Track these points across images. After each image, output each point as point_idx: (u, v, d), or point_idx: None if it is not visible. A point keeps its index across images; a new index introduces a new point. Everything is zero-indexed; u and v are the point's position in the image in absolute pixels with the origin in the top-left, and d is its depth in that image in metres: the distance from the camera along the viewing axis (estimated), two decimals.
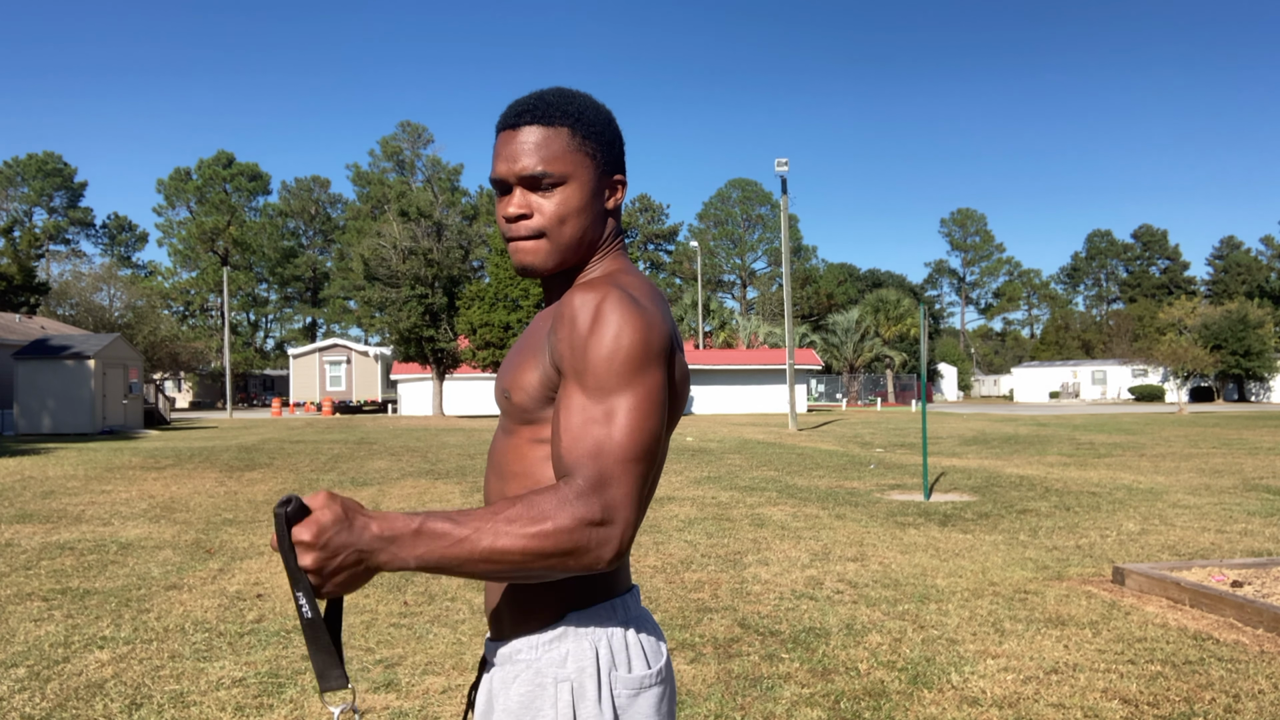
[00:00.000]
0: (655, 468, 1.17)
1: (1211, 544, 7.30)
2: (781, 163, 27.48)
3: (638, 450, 1.12)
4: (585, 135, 1.29)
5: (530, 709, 1.20)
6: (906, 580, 6.02)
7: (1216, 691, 3.85)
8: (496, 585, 1.29)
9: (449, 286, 37.51)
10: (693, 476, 12.85)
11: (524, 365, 1.25)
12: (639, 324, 1.15)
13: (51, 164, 73.84)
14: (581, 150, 1.28)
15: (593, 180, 1.29)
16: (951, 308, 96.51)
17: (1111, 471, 13.10)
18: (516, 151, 1.27)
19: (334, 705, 1.49)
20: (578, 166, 1.28)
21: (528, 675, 1.22)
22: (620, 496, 1.09)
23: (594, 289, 1.17)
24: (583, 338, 1.14)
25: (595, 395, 1.13)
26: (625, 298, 1.16)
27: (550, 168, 1.26)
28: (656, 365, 1.16)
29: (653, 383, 1.15)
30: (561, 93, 1.31)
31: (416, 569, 1.06)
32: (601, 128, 1.31)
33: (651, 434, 1.14)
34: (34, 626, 5.02)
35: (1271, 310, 56.36)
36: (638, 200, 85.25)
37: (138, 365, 29.39)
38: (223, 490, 11.45)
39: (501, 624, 1.28)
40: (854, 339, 58.95)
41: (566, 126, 1.28)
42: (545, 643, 1.22)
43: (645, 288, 1.26)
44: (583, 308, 1.16)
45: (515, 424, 1.28)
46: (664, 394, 1.17)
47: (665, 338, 1.19)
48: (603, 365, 1.13)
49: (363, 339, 63.52)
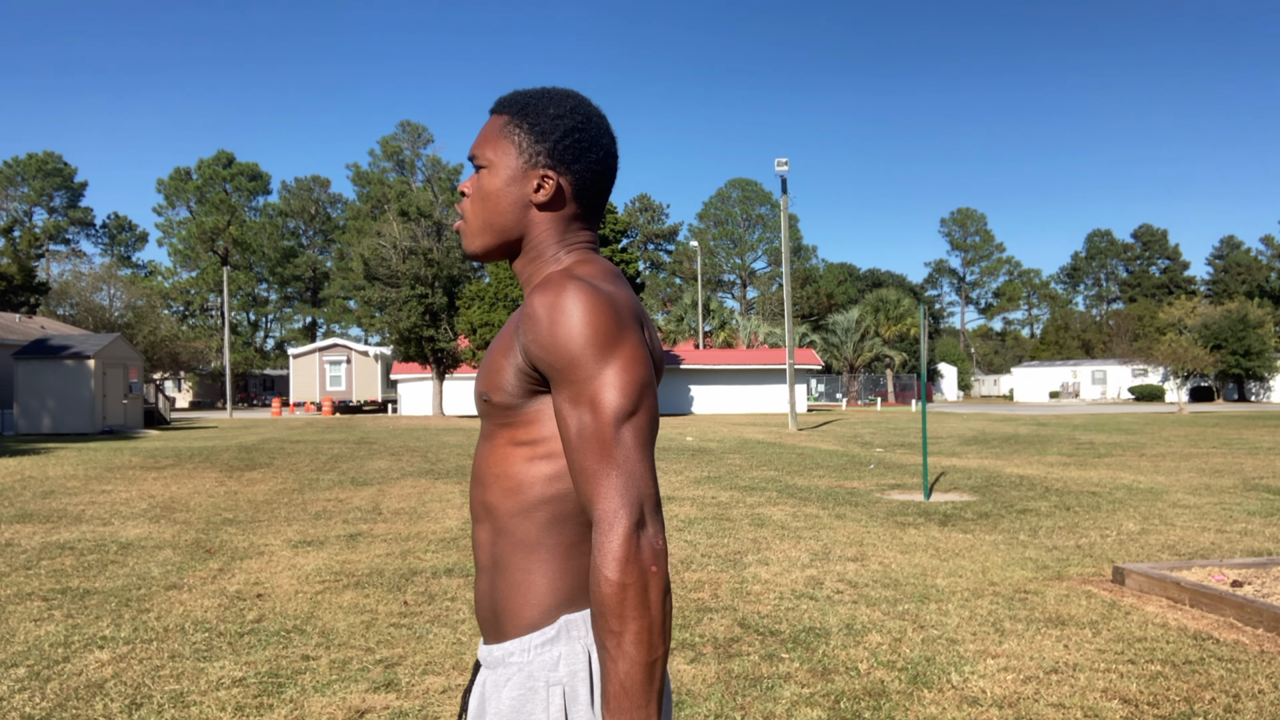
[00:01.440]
0: (654, 415, 1.19)
1: (1211, 544, 7.30)
2: (781, 163, 27.48)
3: (630, 405, 1.15)
4: (518, 124, 1.31)
5: (522, 712, 1.20)
6: (906, 580, 6.02)
7: (1216, 691, 3.85)
8: (487, 588, 1.29)
9: (449, 286, 37.52)
10: (693, 476, 12.85)
11: (499, 367, 1.26)
12: (599, 305, 1.16)
13: (51, 164, 73.83)
14: (506, 137, 1.31)
15: (512, 166, 1.31)
16: (951, 308, 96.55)
17: (1111, 471, 13.10)
18: (478, 135, 1.35)
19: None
20: (500, 153, 1.31)
21: (519, 678, 1.22)
22: (631, 480, 1.13)
23: (549, 285, 1.18)
24: (550, 334, 1.16)
25: (580, 388, 1.15)
26: (582, 285, 1.17)
27: (478, 150, 1.32)
28: (629, 330, 1.18)
29: (630, 343, 1.17)
30: (539, 89, 1.34)
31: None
32: (544, 122, 1.31)
33: (641, 380, 1.16)
34: (34, 626, 5.02)
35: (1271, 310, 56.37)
36: (638, 200, 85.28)
37: (138, 365, 29.39)
38: (223, 490, 11.45)
39: (493, 627, 1.28)
40: (854, 339, 58.93)
41: (507, 114, 1.32)
42: (537, 646, 1.22)
43: (602, 271, 1.27)
44: (542, 306, 1.17)
45: (495, 427, 1.28)
46: (644, 349, 1.19)
47: (629, 309, 1.21)
48: (578, 353, 1.14)
49: (363, 339, 63.53)
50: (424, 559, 6.84)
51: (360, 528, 8.34)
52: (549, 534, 1.23)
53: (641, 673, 1.09)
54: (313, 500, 10.36)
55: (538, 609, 1.23)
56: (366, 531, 8.12)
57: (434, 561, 6.74)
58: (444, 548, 7.29)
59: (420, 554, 7.03)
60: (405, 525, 8.47)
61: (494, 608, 1.28)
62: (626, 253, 37.55)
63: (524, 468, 1.24)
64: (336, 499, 10.44)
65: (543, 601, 1.23)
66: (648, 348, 1.23)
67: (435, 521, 8.65)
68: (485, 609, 1.30)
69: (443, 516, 9.01)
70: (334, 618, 5.14)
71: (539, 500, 1.24)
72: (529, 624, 1.23)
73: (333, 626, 4.95)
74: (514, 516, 1.25)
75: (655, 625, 1.10)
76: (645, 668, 1.09)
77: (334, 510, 9.49)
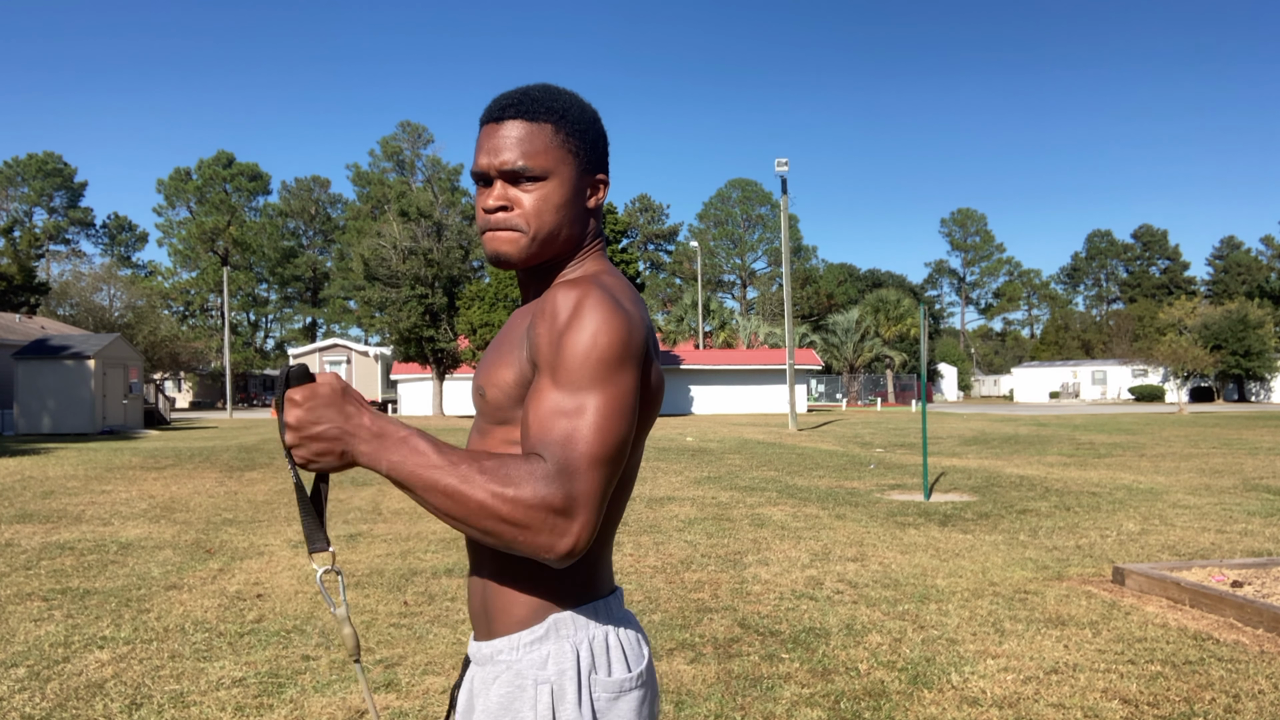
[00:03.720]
0: (622, 473, 1.16)
1: (1211, 544, 7.30)
2: (781, 163, 27.49)
3: (605, 452, 1.11)
4: (569, 133, 1.28)
5: (509, 710, 1.20)
6: (906, 580, 6.02)
7: (1216, 691, 3.85)
8: (479, 585, 1.29)
9: (449, 286, 37.52)
10: (693, 476, 12.84)
11: (501, 363, 1.25)
12: (618, 324, 1.15)
13: (51, 164, 73.83)
14: (564, 147, 1.28)
15: (574, 178, 1.29)
16: (951, 308, 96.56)
17: (1111, 471, 13.10)
18: (499, 145, 1.27)
19: (318, 565, 1.49)
20: (559, 163, 1.27)
21: (508, 676, 1.22)
22: (584, 493, 1.08)
23: (577, 287, 1.17)
24: (561, 333, 1.15)
25: (567, 389, 1.13)
26: (607, 298, 1.16)
27: (531, 163, 1.26)
28: (631, 367, 1.16)
29: (626, 385, 1.15)
30: (547, 89, 1.31)
31: (386, 474, 1.09)
32: (585, 126, 1.30)
33: (620, 437, 1.13)
34: (34, 626, 5.02)
35: (1271, 310, 56.34)
36: (638, 200, 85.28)
37: (138, 365, 29.38)
38: (223, 490, 11.45)
39: (483, 623, 1.28)
40: (854, 339, 58.93)
41: (550, 123, 1.27)
42: (526, 644, 1.22)
43: (626, 290, 1.26)
44: (564, 304, 1.16)
45: (489, 424, 1.28)
46: (635, 399, 1.17)
47: (642, 342, 1.19)
48: (578, 361, 1.13)
49: (363, 339, 63.53)
50: (424, 559, 6.84)
51: (360, 528, 8.34)
52: None
53: (462, 499, 1.06)
54: None
55: (527, 607, 1.23)
56: (366, 531, 8.12)
57: (434, 561, 6.74)
58: (444, 548, 7.29)
59: (420, 554, 7.03)
60: (405, 525, 8.47)
61: (485, 604, 1.28)
62: (626, 253, 37.57)
63: None
64: (336, 499, 10.44)
65: (532, 600, 1.24)
66: (640, 396, 1.19)
67: (435, 522, 8.65)
68: (477, 605, 1.30)
69: None
70: (334, 618, 5.13)
71: None
72: (518, 622, 1.24)
73: (333, 626, 4.95)
74: None
75: (480, 525, 1.06)
76: (467, 507, 1.06)
77: (334, 510, 9.49)
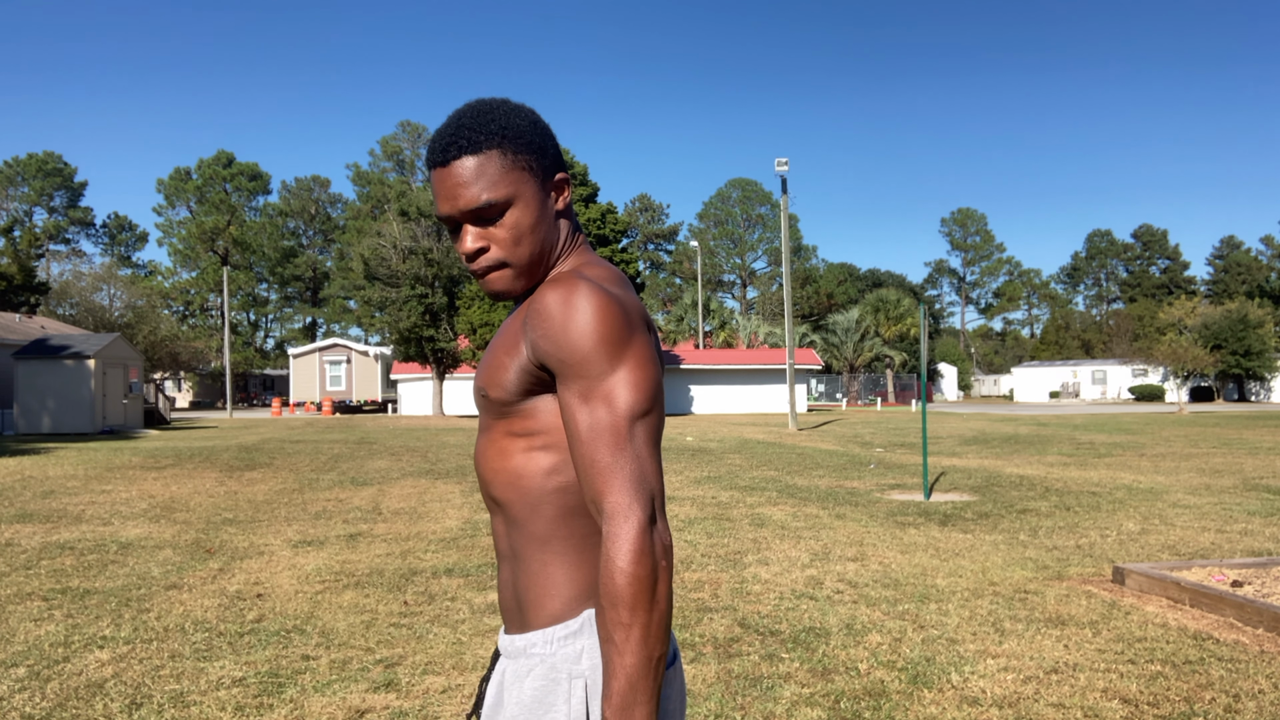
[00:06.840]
0: (663, 416, 1.20)
1: (1211, 544, 7.30)
2: (781, 163, 27.48)
3: (644, 403, 1.16)
4: (516, 150, 1.26)
5: (543, 703, 1.21)
6: (906, 580, 6.02)
7: (1216, 691, 3.85)
8: (509, 577, 1.30)
9: (449, 286, 37.51)
10: (693, 476, 12.85)
11: (500, 364, 1.26)
12: (611, 306, 1.17)
13: (51, 164, 73.82)
14: (516, 166, 1.26)
15: (537, 192, 1.28)
16: (951, 308, 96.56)
17: (1111, 471, 13.10)
18: (454, 188, 1.25)
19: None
20: (518, 184, 1.26)
21: (541, 670, 1.22)
22: (643, 476, 1.13)
23: (562, 283, 1.19)
24: (563, 331, 1.16)
25: (592, 384, 1.15)
26: (593, 286, 1.18)
27: (491, 195, 1.24)
28: (639, 332, 1.20)
29: (639, 344, 1.19)
30: (479, 111, 1.28)
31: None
32: (530, 136, 1.28)
33: (654, 380, 1.19)
34: (34, 626, 5.02)
35: (1271, 310, 56.36)
36: (638, 200, 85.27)
37: (138, 365, 29.39)
38: (223, 490, 11.45)
39: (516, 617, 1.29)
40: (854, 339, 58.93)
41: (495, 148, 1.25)
42: (560, 638, 1.23)
43: (611, 275, 1.28)
44: (555, 303, 1.17)
45: (492, 420, 1.29)
46: (653, 350, 1.21)
47: (638, 312, 1.22)
48: (591, 350, 1.15)
49: (363, 339, 63.52)
50: (424, 559, 6.84)
51: (360, 528, 8.34)
52: (560, 527, 1.24)
53: (648, 667, 1.10)
54: (313, 500, 10.36)
55: (560, 601, 1.24)
56: (366, 531, 8.12)
57: (434, 561, 6.74)
58: (444, 548, 7.29)
59: (420, 554, 7.03)
60: (405, 525, 8.47)
61: (517, 597, 1.28)
62: (626, 253, 37.53)
63: (524, 460, 1.25)
64: (336, 499, 10.44)
65: (564, 593, 1.24)
66: (656, 350, 1.24)
67: (435, 521, 8.65)
68: (508, 598, 1.31)
69: (443, 516, 9.01)
70: (334, 618, 5.14)
71: (543, 494, 1.24)
72: (552, 616, 1.24)
73: (333, 626, 4.95)
74: (522, 510, 1.26)
75: (662, 619, 1.11)
76: (652, 662, 1.10)
77: (334, 510, 9.49)
